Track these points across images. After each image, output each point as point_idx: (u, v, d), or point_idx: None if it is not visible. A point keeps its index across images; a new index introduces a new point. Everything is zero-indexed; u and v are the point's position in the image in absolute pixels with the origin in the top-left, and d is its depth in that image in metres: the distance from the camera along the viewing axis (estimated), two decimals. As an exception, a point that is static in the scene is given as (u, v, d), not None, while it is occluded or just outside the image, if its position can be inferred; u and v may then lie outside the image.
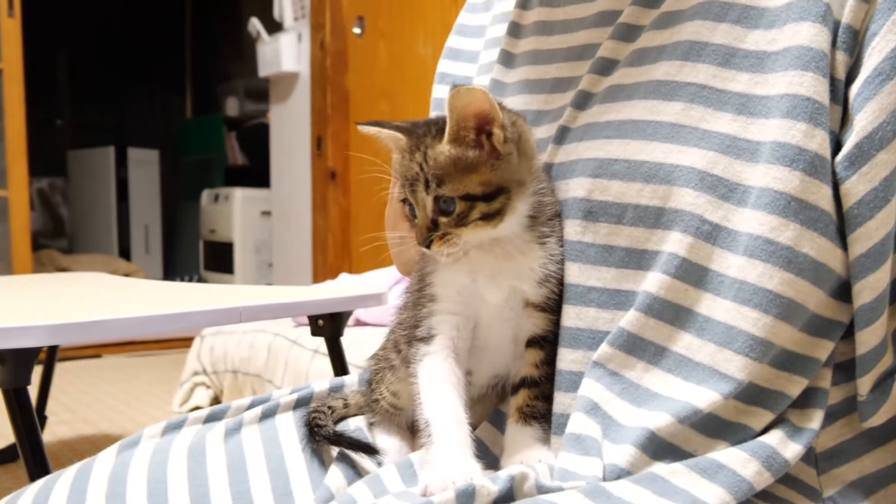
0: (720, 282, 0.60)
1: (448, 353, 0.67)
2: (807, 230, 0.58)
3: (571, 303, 0.67)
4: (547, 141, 0.72)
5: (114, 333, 1.05)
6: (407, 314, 0.74)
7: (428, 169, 0.64)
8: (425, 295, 0.69)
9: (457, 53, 0.94)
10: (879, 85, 0.57)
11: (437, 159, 0.63)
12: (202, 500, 0.70)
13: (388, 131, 0.67)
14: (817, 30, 0.59)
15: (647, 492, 0.57)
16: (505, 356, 0.70)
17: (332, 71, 3.80)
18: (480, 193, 0.63)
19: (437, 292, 0.69)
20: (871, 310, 0.59)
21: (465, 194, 0.63)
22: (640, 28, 0.70)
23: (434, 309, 0.69)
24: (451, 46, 0.95)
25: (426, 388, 0.66)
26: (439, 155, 0.63)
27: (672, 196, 0.62)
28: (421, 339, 0.69)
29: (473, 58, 0.92)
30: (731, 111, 0.61)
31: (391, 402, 0.76)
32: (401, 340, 0.75)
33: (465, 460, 0.62)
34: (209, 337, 2.74)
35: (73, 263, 5.22)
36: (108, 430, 2.62)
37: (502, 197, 0.64)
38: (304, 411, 0.80)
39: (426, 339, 0.68)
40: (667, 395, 0.61)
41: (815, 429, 0.60)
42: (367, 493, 0.64)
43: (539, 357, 0.68)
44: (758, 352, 0.59)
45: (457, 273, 0.67)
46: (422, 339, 0.69)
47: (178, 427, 0.82)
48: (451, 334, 0.68)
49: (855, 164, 0.58)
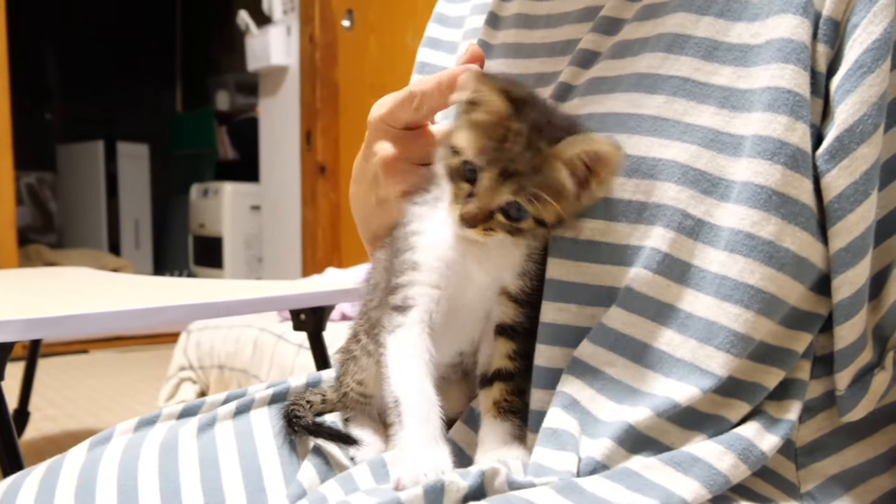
0: (702, 277, 0.60)
1: (423, 328, 0.64)
2: (788, 224, 0.57)
3: (552, 299, 0.66)
4: None
5: (90, 328, 1.04)
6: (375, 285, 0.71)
7: (531, 176, 0.59)
8: (407, 260, 0.65)
9: (436, 43, 0.93)
10: (860, 77, 0.56)
11: (547, 174, 0.59)
12: (173, 496, 0.69)
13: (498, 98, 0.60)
14: (798, 21, 0.58)
15: (621, 487, 0.56)
16: (472, 332, 0.68)
17: (321, 64, 3.79)
18: (551, 223, 0.61)
19: (422, 261, 0.65)
20: (850, 304, 0.59)
21: (541, 219, 0.60)
22: (622, 21, 0.69)
23: (415, 278, 0.65)
24: (431, 36, 0.94)
25: (396, 363, 0.63)
26: (550, 170, 0.59)
27: (655, 190, 0.61)
28: (395, 307, 0.65)
29: (452, 48, 0.91)
30: (714, 105, 0.61)
31: (359, 391, 0.74)
32: (360, 330, 0.73)
33: (437, 450, 0.60)
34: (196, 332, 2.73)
35: (61, 258, 5.19)
36: (93, 426, 2.60)
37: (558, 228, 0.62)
38: (279, 407, 0.79)
39: (401, 308, 0.64)
40: (646, 391, 0.60)
41: (792, 420, 0.59)
42: (339, 491, 0.63)
43: (511, 348, 0.67)
44: (739, 348, 0.58)
45: (448, 247, 0.65)
46: (396, 307, 0.65)
47: (152, 423, 0.81)
48: (429, 307, 0.65)
49: (835, 157, 0.57)
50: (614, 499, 0.55)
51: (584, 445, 0.60)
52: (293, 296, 1.28)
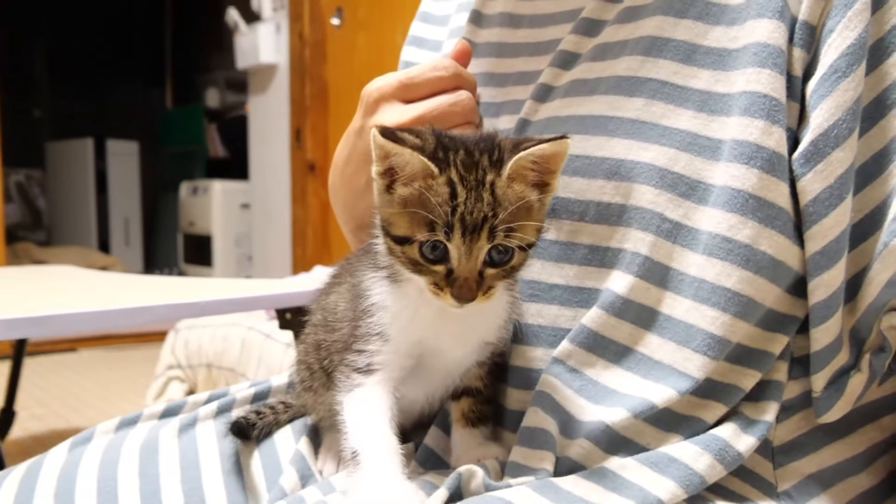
0: (681, 280, 0.60)
1: (386, 388, 0.60)
2: (765, 228, 0.58)
3: (532, 300, 0.66)
4: (507, 133, 0.71)
5: (73, 328, 1.04)
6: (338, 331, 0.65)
7: (502, 213, 0.53)
8: (373, 330, 0.60)
9: (421, 41, 0.93)
10: (835, 82, 0.57)
11: (512, 201, 0.53)
12: (153, 497, 0.69)
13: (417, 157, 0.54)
14: (774, 26, 0.58)
15: (598, 486, 0.56)
16: (445, 385, 0.67)
17: (310, 62, 3.78)
18: (534, 242, 0.56)
19: (392, 335, 0.59)
20: (825, 307, 0.59)
21: (526, 244, 0.55)
22: (603, 23, 0.69)
23: (383, 350, 0.60)
24: (415, 34, 0.94)
25: (355, 420, 0.59)
26: (513, 194, 0.53)
27: (633, 193, 0.61)
28: (357, 369, 0.60)
29: (437, 46, 0.91)
30: (692, 108, 0.61)
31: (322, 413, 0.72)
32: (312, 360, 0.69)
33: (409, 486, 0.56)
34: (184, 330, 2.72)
35: (50, 256, 5.17)
36: (80, 425, 2.59)
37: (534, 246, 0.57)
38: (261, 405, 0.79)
39: (364, 371, 0.60)
40: (624, 392, 0.61)
41: (769, 421, 0.60)
42: (317, 493, 0.63)
43: (483, 372, 0.66)
44: (716, 350, 0.58)
45: (421, 327, 0.59)
46: (358, 369, 0.60)
47: (133, 423, 0.81)
48: (395, 375, 0.61)
49: (811, 161, 0.57)
50: (591, 498, 0.55)
51: (561, 445, 0.61)
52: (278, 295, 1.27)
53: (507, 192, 0.54)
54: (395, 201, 0.55)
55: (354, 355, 0.60)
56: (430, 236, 0.53)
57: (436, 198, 0.53)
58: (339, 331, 0.65)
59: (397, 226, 0.55)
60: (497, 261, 0.55)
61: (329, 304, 0.69)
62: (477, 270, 0.54)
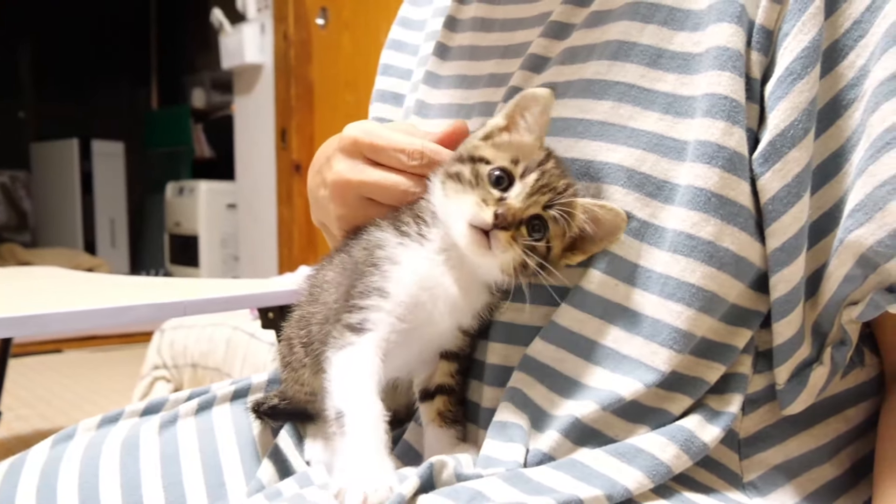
0: (648, 277, 0.61)
1: (376, 351, 0.62)
2: (727, 225, 0.59)
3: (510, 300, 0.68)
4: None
5: (55, 327, 1.04)
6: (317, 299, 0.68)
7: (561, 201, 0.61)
8: (374, 284, 0.63)
9: (400, 45, 0.94)
10: (791, 84, 0.58)
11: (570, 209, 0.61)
12: (133, 492, 0.70)
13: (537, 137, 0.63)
14: (733, 30, 0.60)
15: (567, 476, 0.58)
16: (419, 361, 0.68)
17: (295, 62, 3.78)
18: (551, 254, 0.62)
19: (393, 291, 0.63)
20: (786, 302, 0.61)
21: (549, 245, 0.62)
22: (571, 26, 0.71)
23: (381, 305, 0.62)
24: (395, 38, 0.95)
25: (342, 379, 0.61)
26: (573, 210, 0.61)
27: (601, 193, 0.63)
28: (349, 325, 0.62)
29: (415, 50, 0.92)
30: (658, 110, 0.62)
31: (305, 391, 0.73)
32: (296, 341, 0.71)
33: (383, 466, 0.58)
34: (169, 331, 2.72)
35: (35, 258, 5.14)
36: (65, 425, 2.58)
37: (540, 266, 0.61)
38: (241, 403, 0.80)
39: (357, 329, 0.62)
40: (593, 386, 0.62)
41: (733, 412, 0.61)
42: (294, 486, 0.64)
43: (454, 368, 0.67)
44: (681, 344, 0.60)
45: (422, 288, 0.63)
46: (350, 326, 0.62)
47: (115, 420, 0.82)
48: (387, 336, 0.63)
49: (769, 161, 0.59)
50: (560, 487, 0.57)
51: (532, 439, 0.62)
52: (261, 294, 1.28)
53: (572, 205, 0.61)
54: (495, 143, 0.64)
55: (349, 312, 0.63)
56: (511, 167, 0.62)
57: (533, 154, 0.62)
58: (323, 300, 0.68)
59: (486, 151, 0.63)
60: (532, 230, 0.61)
61: (317, 279, 0.71)
62: (524, 214, 0.60)
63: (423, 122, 0.82)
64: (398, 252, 0.64)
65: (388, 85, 0.92)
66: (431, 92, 0.82)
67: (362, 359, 0.61)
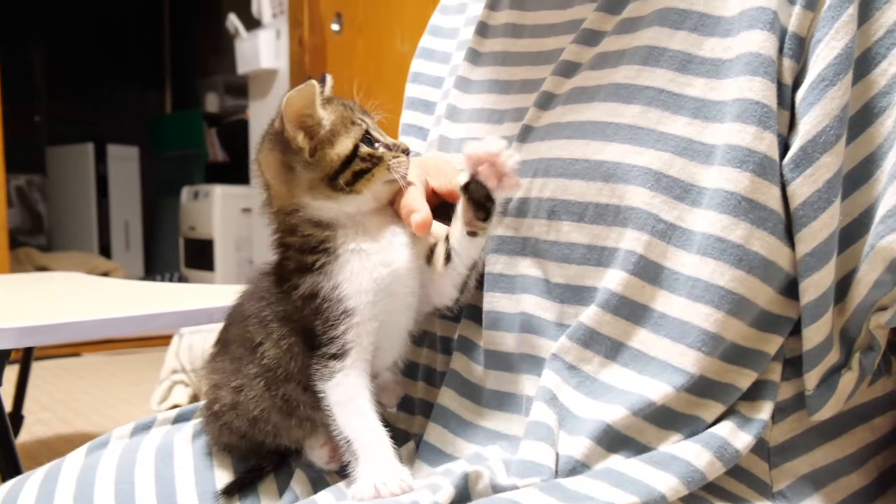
0: (675, 279, 0.62)
1: (362, 366, 0.66)
2: (756, 229, 0.60)
3: (533, 293, 0.69)
4: (510, 139, 0.73)
5: (84, 335, 1.06)
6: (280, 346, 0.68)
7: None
8: (336, 313, 0.65)
9: (430, 53, 0.95)
10: (823, 90, 0.59)
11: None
12: (169, 500, 0.71)
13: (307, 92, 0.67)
14: (765, 37, 0.60)
15: (603, 484, 0.58)
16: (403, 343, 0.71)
17: (310, 67, 3.79)
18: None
19: (353, 305, 0.65)
20: (815, 307, 0.61)
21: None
22: (602, 33, 0.71)
23: (351, 324, 0.65)
24: (425, 46, 0.96)
25: (341, 408, 0.65)
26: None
27: (628, 195, 0.63)
28: (332, 355, 0.65)
29: (446, 58, 0.93)
30: (687, 115, 0.63)
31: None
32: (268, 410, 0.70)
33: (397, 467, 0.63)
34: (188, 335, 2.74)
35: (52, 261, 5.18)
36: (85, 429, 2.61)
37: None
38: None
39: (339, 355, 0.65)
40: (621, 388, 0.63)
41: (764, 419, 0.62)
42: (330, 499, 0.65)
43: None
44: (709, 346, 0.60)
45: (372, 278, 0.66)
46: (333, 355, 0.65)
47: (147, 428, 0.83)
48: (366, 343, 0.66)
49: (800, 166, 0.59)
50: (597, 495, 0.57)
51: (562, 442, 0.63)
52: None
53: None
54: (326, 139, 0.66)
55: (326, 346, 0.65)
56: (353, 128, 0.67)
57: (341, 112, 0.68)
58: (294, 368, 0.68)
59: (339, 147, 0.66)
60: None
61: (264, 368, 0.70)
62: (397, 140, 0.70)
63: (454, 126, 0.83)
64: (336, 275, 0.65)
65: (418, 92, 0.94)
66: (463, 97, 0.84)
67: (350, 380, 0.65)
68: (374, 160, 0.66)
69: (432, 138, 0.87)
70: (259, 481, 0.73)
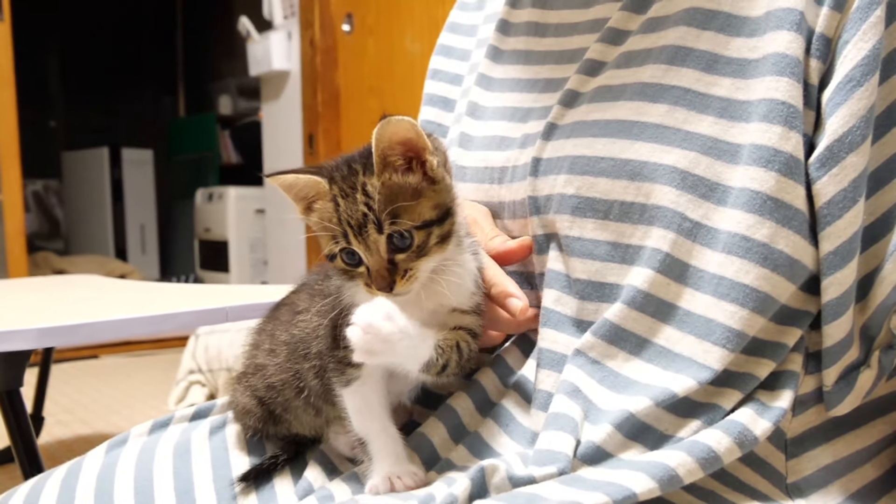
0: (700, 277, 0.63)
1: (378, 378, 0.67)
2: (782, 228, 0.60)
3: (554, 287, 0.70)
4: (535, 136, 0.74)
5: (102, 335, 1.07)
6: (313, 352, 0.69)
7: (377, 205, 0.59)
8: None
9: (448, 50, 0.96)
10: (850, 91, 0.59)
11: (385, 193, 0.60)
12: (187, 496, 0.72)
13: (306, 177, 0.62)
14: (792, 37, 0.61)
15: (623, 470, 0.59)
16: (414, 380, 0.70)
17: (322, 68, 3.81)
18: (436, 217, 0.62)
19: None
20: (837, 305, 0.61)
21: (422, 222, 0.61)
22: (628, 32, 0.72)
23: None
24: (443, 43, 0.97)
25: (356, 412, 0.67)
26: (384, 187, 0.60)
27: (654, 194, 0.64)
28: (350, 364, 0.65)
29: (465, 55, 0.94)
30: (713, 114, 0.63)
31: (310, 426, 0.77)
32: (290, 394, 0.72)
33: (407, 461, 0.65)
34: (204, 336, 2.76)
35: (69, 265, 5.22)
36: (104, 430, 2.64)
37: (451, 218, 0.63)
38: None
39: (357, 365, 0.65)
40: (645, 383, 0.63)
41: (784, 407, 0.62)
42: (345, 489, 0.66)
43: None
44: (734, 343, 0.61)
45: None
46: (350, 364, 0.65)
47: (165, 425, 0.84)
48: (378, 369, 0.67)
49: (826, 165, 0.60)
50: (617, 479, 0.57)
51: (585, 431, 0.63)
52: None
53: (380, 187, 0.60)
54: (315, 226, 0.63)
55: (344, 352, 0.65)
56: (339, 245, 0.61)
57: (328, 213, 0.61)
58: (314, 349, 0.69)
59: (324, 246, 0.63)
60: (401, 246, 0.60)
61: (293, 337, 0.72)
62: (385, 259, 0.61)
63: (476, 123, 0.84)
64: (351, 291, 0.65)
65: (437, 89, 0.94)
66: (485, 94, 0.84)
67: (367, 389, 0.66)
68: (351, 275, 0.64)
69: (452, 136, 0.87)
70: (274, 471, 0.74)
